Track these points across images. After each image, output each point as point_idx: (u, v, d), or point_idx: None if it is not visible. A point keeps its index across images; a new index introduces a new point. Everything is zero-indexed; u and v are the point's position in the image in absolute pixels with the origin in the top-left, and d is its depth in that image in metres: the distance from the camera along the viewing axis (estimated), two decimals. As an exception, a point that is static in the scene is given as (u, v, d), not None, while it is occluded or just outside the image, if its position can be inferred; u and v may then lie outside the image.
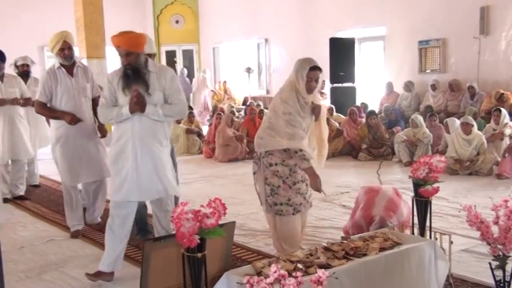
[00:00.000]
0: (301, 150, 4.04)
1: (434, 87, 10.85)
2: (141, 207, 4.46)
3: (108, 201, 5.03)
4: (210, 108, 15.60)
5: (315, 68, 4.06)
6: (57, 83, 4.95)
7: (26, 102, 6.67)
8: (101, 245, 4.72)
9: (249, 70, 15.54)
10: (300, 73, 4.06)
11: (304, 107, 4.13)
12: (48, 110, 5.07)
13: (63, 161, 5.00)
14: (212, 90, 16.46)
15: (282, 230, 4.23)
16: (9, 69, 6.85)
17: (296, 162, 4.09)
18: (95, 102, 5.10)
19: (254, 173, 4.35)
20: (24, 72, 7.32)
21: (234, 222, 3.16)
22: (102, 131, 5.24)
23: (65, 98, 4.96)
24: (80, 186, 5.33)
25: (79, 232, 5.16)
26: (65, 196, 5.17)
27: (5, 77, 6.58)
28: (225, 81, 16.57)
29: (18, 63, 7.43)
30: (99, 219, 5.41)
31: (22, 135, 6.69)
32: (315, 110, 4.19)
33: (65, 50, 4.93)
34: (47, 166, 7.83)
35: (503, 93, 9.46)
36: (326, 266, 2.76)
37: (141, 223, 4.78)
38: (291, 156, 4.08)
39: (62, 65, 4.98)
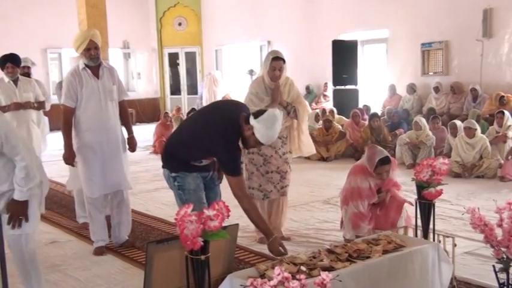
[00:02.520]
0: None
1: (437, 89, 10.83)
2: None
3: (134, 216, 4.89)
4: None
5: (278, 59, 4.52)
6: (82, 85, 4.49)
7: (40, 105, 6.62)
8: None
9: (251, 72, 15.50)
10: (265, 63, 4.62)
11: (267, 90, 4.67)
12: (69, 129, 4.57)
13: (84, 171, 4.61)
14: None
15: None
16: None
17: None
18: (122, 106, 4.78)
19: None
20: (24, 74, 6.98)
21: (237, 225, 3.15)
22: (132, 144, 4.87)
23: (91, 102, 4.51)
24: None
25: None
26: (87, 209, 4.73)
27: (20, 81, 6.45)
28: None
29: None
30: (126, 237, 4.85)
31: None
32: (273, 92, 4.61)
33: (90, 50, 4.47)
34: (50, 168, 7.82)
35: (503, 96, 9.43)
36: (329, 269, 2.75)
37: None
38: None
39: (87, 66, 4.54)
